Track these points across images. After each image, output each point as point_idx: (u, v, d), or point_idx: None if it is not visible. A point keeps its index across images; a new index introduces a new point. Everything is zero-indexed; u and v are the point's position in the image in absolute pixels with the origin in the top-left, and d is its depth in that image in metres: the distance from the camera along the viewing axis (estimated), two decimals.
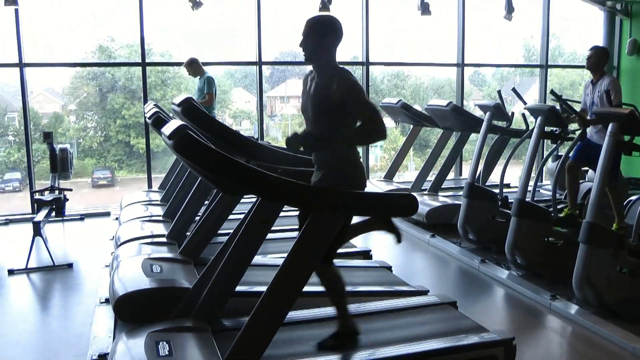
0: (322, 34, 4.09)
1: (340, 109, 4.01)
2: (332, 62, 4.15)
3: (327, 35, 4.10)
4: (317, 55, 4.12)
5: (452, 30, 12.32)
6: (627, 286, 5.56)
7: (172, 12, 19.59)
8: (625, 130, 5.82)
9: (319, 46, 4.09)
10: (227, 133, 5.78)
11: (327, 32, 4.10)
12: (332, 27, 4.13)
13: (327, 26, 4.12)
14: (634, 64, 12.54)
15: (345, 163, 4.13)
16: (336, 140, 4.02)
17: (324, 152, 4.17)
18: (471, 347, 4.32)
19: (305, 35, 4.10)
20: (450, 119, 9.02)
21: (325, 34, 4.10)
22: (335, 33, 4.12)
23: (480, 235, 7.59)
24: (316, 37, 4.08)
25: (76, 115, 24.17)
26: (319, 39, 4.08)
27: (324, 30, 4.10)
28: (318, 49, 4.09)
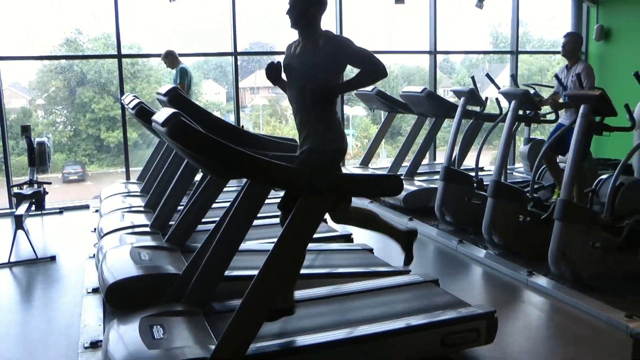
0: (308, 3, 4.36)
1: (331, 64, 4.34)
2: (317, 28, 4.43)
3: (313, 4, 4.38)
4: (302, 23, 4.41)
5: (423, 18, 12.45)
6: (600, 261, 5.73)
7: (140, 3, 19.56)
8: (596, 112, 5.99)
9: (305, 14, 4.38)
10: (214, 121, 5.86)
11: (312, 1, 4.38)
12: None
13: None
14: (602, 49, 12.80)
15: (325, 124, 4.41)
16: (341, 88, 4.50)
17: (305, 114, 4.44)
18: (455, 321, 4.43)
19: (292, 4, 4.39)
20: (425, 105, 9.15)
21: (311, 3, 4.37)
22: (319, 2, 4.42)
23: (457, 217, 7.75)
24: (302, 5, 4.36)
25: (44, 110, 23.92)
26: (304, 7, 4.36)
27: (310, 0, 4.36)
28: (304, 17, 4.39)
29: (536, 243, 6.34)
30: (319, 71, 4.32)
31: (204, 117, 5.81)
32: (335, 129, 4.43)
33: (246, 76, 25.81)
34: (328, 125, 4.40)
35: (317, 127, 4.39)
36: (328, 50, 4.30)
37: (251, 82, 26.46)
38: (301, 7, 4.35)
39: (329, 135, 4.40)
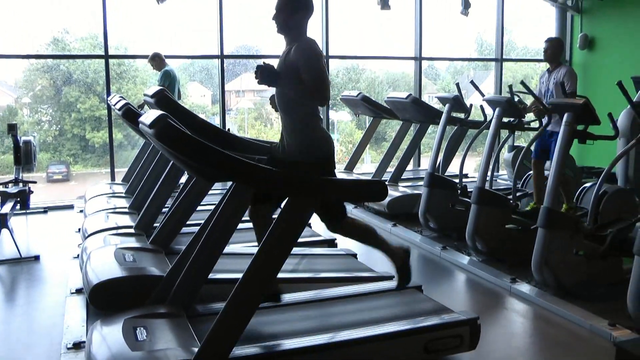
0: (293, 8, 4.39)
1: (295, 73, 4.30)
2: (301, 34, 4.45)
3: (298, 9, 4.41)
4: (287, 28, 4.44)
5: (409, 24, 12.51)
6: (583, 268, 5.77)
7: (128, 4, 19.50)
8: (580, 120, 6.04)
9: (290, 20, 4.40)
10: (200, 124, 5.87)
11: (298, 6, 4.41)
12: (302, 2, 4.44)
13: (298, 1, 4.42)
14: (586, 57, 12.92)
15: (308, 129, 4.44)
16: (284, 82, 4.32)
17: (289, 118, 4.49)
18: (438, 327, 4.46)
19: (278, 9, 4.41)
20: (410, 111, 9.19)
21: (296, 8, 4.40)
22: (305, 7, 4.46)
23: (440, 223, 7.79)
24: (287, 11, 4.39)
25: (30, 109, 23.82)
26: (290, 12, 4.39)
27: (295, 5, 4.40)
28: (289, 22, 4.41)
29: (519, 250, 6.39)
30: (288, 79, 4.33)
31: (190, 120, 5.81)
32: (315, 135, 4.45)
33: (232, 79, 25.81)
34: (307, 132, 4.43)
35: (296, 133, 4.44)
36: (293, 58, 4.32)
37: (237, 85, 26.46)
38: (286, 12, 4.38)
39: (309, 142, 4.43)
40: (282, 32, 4.47)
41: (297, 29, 4.43)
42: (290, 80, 4.31)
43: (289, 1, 4.38)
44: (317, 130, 4.47)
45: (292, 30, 4.43)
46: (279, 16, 4.40)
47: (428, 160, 8.32)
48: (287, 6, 4.37)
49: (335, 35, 11.36)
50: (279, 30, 4.46)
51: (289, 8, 4.37)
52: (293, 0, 4.40)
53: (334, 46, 11.44)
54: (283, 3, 4.39)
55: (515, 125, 7.53)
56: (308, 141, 4.43)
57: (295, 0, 4.41)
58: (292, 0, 4.40)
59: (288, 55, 4.39)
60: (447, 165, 9.01)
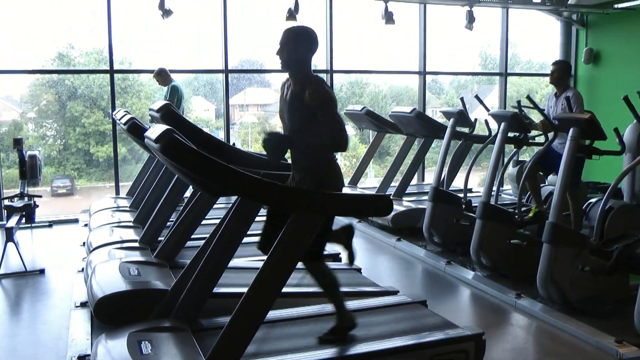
0: (298, 44, 4.30)
1: (313, 116, 4.20)
2: (306, 70, 4.36)
3: (303, 45, 4.32)
4: (292, 64, 4.34)
5: (413, 39, 12.54)
6: (589, 284, 5.76)
7: (131, 20, 19.57)
8: (585, 135, 6.04)
9: (295, 55, 4.31)
10: (205, 138, 5.88)
11: (303, 42, 4.32)
12: (307, 38, 4.36)
13: (303, 37, 4.34)
14: (591, 72, 12.92)
15: (322, 166, 4.32)
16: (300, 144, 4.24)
17: (302, 156, 4.35)
18: (443, 342, 4.46)
19: (282, 45, 4.31)
20: (414, 126, 9.20)
21: (301, 44, 4.31)
22: (310, 44, 4.36)
23: (445, 238, 7.78)
24: (292, 46, 4.29)
25: (35, 123, 23.87)
26: (294, 48, 4.29)
27: (300, 41, 4.32)
28: (293, 58, 4.31)
29: (524, 265, 6.38)
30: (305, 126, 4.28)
31: (195, 134, 5.80)
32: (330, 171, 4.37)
33: (236, 93, 25.82)
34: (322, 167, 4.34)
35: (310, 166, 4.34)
36: (311, 103, 4.19)
37: (240, 99, 26.44)
38: (290, 47, 4.29)
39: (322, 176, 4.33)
40: (286, 68, 4.37)
41: (301, 65, 4.35)
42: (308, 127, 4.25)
43: (293, 36, 4.32)
44: (332, 165, 4.40)
45: (297, 66, 4.34)
46: (283, 52, 4.31)
47: (432, 174, 8.32)
48: (291, 41, 4.30)
49: (339, 49, 11.42)
50: (283, 66, 4.36)
51: (293, 43, 4.29)
52: (298, 35, 4.34)
53: (338, 60, 11.49)
54: (287, 38, 4.31)
55: (520, 140, 7.52)
56: (321, 175, 4.33)
57: (300, 36, 4.34)
58: (297, 35, 4.33)
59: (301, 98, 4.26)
60: (452, 180, 9.01)
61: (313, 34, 4.38)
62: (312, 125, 4.24)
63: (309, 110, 4.21)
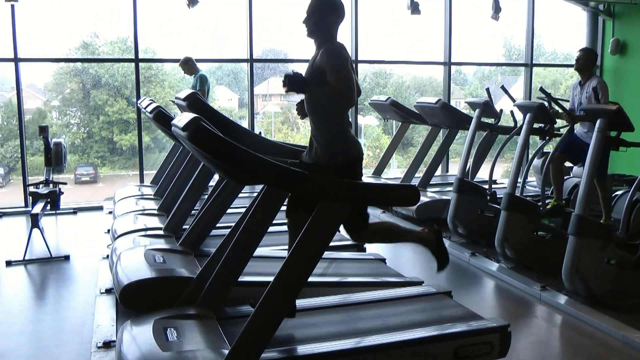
0: (324, 13, 4.36)
1: (322, 77, 4.25)
2: (331, 39, 4.41)
3: (328, 13, 4.38)
4: (317, 33, 4.41)
5: (438, 29, 12.48)
6: (614, 277, 5.72)
7: (156, 8, 19.59)
8: (612, 126, 5.98)
9: (320, 24, 4.38)
10: (232, 127, 5.88)
11: (329, 11, 4.38)
12: (333, 6, 4.42)
13: (330, 6, 4.40)
14: (617, 63, 12.78)
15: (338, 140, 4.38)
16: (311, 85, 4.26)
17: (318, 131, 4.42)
18: (468, 334, 4.43)
19: (309, 13, 4.38)
20: (439, 116, 9.16)
21: (327, 13, 4.37)
22: (336, 12, 4.42)
23: (469, 229, 7.75)
24: (318, 15, 4.36)
25: (59, 112, 24.03)
26: (320, 17, 4.36)
27: (326, 9, 4.38)
28: (319, 27, 4.38)
29: (549, 257, 6.34)
30: (313, 81, 4.30)
31: (222, 123, 5.80)
32: (344, 139, 4.40)
33: (259, 83, 25.84)
34: (335, 136, 4.39)
35: (324, 137, 4.39)
36: (319, 62, 4.28)
37: (264, 89, 26.46)
38: (316, 16, 4.35)
39: (337, 145, 4.39)
40: (312, 36, 4.43)
41: (327, 33, 4.39)
42: (318, 85, 4.26)
43: (320, 5, 4.35)
44: (346, 135, 4.42)
45: (322, 34, 4.39)
46: (309, 20, 4.37)
47: (455, 165, 8.28)
48: (318, 10, 4.34)
49: (364, 39, 11.38)
50: (308, 34, 4.43)
51: (319, 11, 4.34)
52: (324, 4, 4.37)
53: (363, 51, 11.46)
54: (314, 6, 4.36)
55: (546, 132, 7.46)
56: (336, 145, 4.38)
57: (327, 5, 4.38)
58: (324, 4, 4.36)
59: (316, 59, 4.36)
60: (477, 171, 8.96)
61: (340, 4, 4.45)
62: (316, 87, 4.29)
63: (318, 69, 4.28)
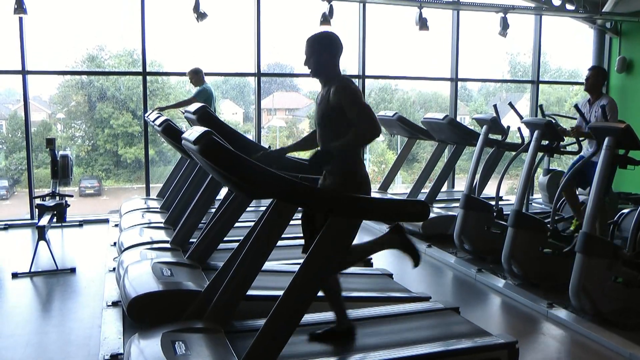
0: (322, 50, 4.38)
1: (339, 116, 4.24)
2: (335, 74, 4.42)
3: (327, 50, 4.39)
4: (320, 70, 4.42)
5: (445, 45, 12.52)
6: (621, 295, 5.71)
7: (162, 23, 19.71)
8: (620, 145, 5.98)
9: (321, 62, 4.39)
10: (242, 141, 5.90)
11: (326, 47, 4.40)
12: (330, 42, 4.43)
13: (326, 42, 4.42)
14: (624, 81, 12.81)
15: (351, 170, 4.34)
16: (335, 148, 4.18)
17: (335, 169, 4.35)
18: (476, 350, 4.44)
19: (308, 54, 4.41)
20: (446, 132, 9.17)
21: (325, 50, 4.39)
22: (334, 47, 4.42)
23: (475, 245, 7.74)
24: (317, 54, 4.38)
25: (64, 124, 24.10)
26: (319, 55, 4.38)
27: (323, 47, 4.39)
28: (320, 65, 4.40)
29: (556, 275, 6.33)
30: (329, 122, 4.31)
31: (231, 136, 5.82)
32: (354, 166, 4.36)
33: (264, 97, 25.93)
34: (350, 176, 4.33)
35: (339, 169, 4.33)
36: (334, 101, 4.23)
37: (269, 103, 26.56)
38: (316, 55, 4.37)
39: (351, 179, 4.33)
40: (317, 76, 4.45)
41: (330, 70, 4.41)
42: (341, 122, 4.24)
43: (316, 44, 4.38)
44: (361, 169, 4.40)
45: (326, 71, 4.41)
46: (310, 60, 4.40)
47: (461, 182, 8.28)
48: (316, 49, 4.37)
49: (371, 54, 11.41)
50: (312, 74, 4.45)
51: (318, 50, 4.37)
52: (320, 43, 4.39)
53: (370, 66, 11.50)
54: (312, 47, 4.39)
55: (553, 149, 7.47)
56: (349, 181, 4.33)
57: (322, 42, 4.40)
58: (319, 42, 4.39)
59: (328, 99, 4.30)
60: (483, 188, 8.96)
61: (335, 37, 4.45)
62: (339, 124, 4.27)
63: (334, 108, 4.25)
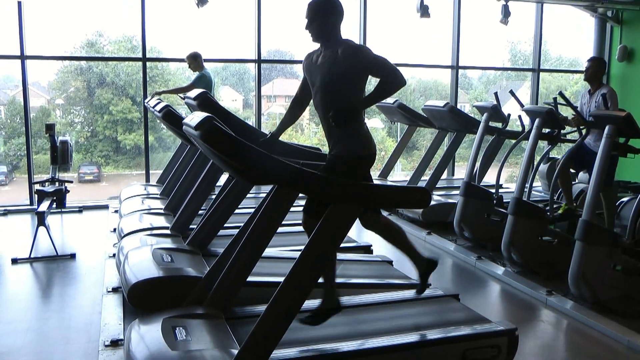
0: (324, 15, 4.40)
1: (351, 74, 4.33)
2: (337, 37, 4.45)
3: (329, 15, 4.41)
4: (322, 36, 4.45)
5: (446, 33, 12.48)
6: (620, 283, 5.73)
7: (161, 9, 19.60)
8: (621, 133, 5.98)
9: (323, 26, 4.42)
10: (243, 127, 5.88)
11: (329, 12, 4.42)
12: (332, 7, 4.45)
13: (328, 7, 4.44)
14: (624, 70, 12.77)
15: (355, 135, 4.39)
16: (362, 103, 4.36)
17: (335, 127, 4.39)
18: (476, 337, 4.45)
19: (309, 19, 4.43)
20: (446, 120, 9.16)
21: (327, 14, 4.41)
22: (336, 12, 4.45)
23: (475, 233, 7.75)
24: (319, 18, 4.40)
25: (63, 110, 24.06)
26: (322, 20, 4.41)
27: (326, 11, 4.41)
28: (323, 30, 4.43)
29: (555, 262, 6.34)
30: (340, 81, 4.34)
31: (232, 122, 5.80)
32: (362, 135, 4.42)
33: (264, 84, 25.85)
34: (355, 132, 4.39)
35: (343, 134, 4.38)
36: (347, 60, 4.29)
37: (269, 89, 26.49)
38: (318, 20, 4.39)
39: (356, 141, 4.39)
40: (318, 40, 4.48)
41: (332, 34, 4.43)
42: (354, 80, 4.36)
43: (319, 9, 4.39)
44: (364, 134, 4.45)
45: (328, 36, 4.43)
46: (311, 25, 4.42)
47: (461, 169, 8.27)
48: (317, 13, 4.38)
49: (372, 42, 11.37)
50: (314, 39, 4.48)
51: (320, 15, 4.38)
52: (323, 8, 4.40)
53: None
54: (313, 12, 4.40)
55: (554, 137, 7.47)
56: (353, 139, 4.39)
57: (325, 7, 4.41)
58: (322, 7, 4.40)
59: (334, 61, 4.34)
60: (483, 175, 8.95)
61: (337, 2, 4.47)
62: (350, 82, 4.35)
63: (347, 70, 4.31)
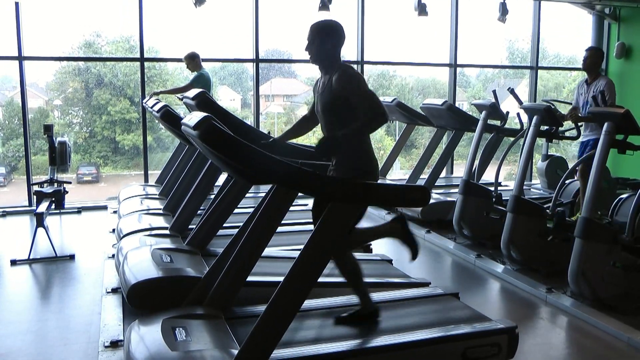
0: (325, 38, 4.38)
1: (345, 104, 4.26)
2: (336, 62, 4.42)
3: (330, 39, 4.39)
4: (321, 58, 4.43)
5: (443, 31, 12.49)
6: (620, 281, 5.72)
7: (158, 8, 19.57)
8: (619, 130, 5.98)
9: (323, 49, 4.39)
10: (241, 126, 5.89)
11: (330, 36, 4.40)
12: (333, 31, 4.43)
13: (329, 30, 4.42)
14: (622, 67, 12.79)
15: (358, 153, 4.33)
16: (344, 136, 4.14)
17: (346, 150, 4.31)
18: (476, 335, 4.43)
19: (310, 40, 4.41)
20: (445, 118, 9.14)
21: (328, 38, 4.38)
22: (337, 36, 4.42)
23: (474, 231, 7.76)
24: (319, 41, 4.38)
25: (61, 111, 24.04)
26: (322, 43, 4.38)
27: (327, 35, 4.39)
28: (322, 52, 4.40)
29: (555, 260, 6.34)
30: (336, 110, 4.32)
31: (230, 122, 5.81)
32: (363, 153, 4.36)
33: (262, 83, 25.84)
34: (353, 153, 4.33)
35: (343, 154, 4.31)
36: (341, 91, 4.24)
37: (267, 89, 26.49)
38: (318, 43, 4.37)
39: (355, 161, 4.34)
40: (317, 62, 4.46)
41: (331, 58, 4.41)
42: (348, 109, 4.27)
43: (320, 32, 4.38)
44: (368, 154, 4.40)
45: (327, 59, 4.41)
46: (311, 47, 4.41)
47: (460, 168, 8.27)
48: (318, 37, 4.37)
49: (370, 40, 11.36)
50: (313, 60, 4.46)
51: (320, 37, 4.37)
52: (324, 31, 4.39)
53: (369, 52, 11.45)
54: (314, 33, 4.39)
55: (552, 134, 7.47)
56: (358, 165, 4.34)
57: (326, 31, 4.40)
58: (323, 30, 4.39)
59: (330, 86, 4.32)
60: (482, 173, 8.95)
61: (339, 26, 4.45)
62: (344, 111, 4.29)
63: (339, 97, 4.26)
